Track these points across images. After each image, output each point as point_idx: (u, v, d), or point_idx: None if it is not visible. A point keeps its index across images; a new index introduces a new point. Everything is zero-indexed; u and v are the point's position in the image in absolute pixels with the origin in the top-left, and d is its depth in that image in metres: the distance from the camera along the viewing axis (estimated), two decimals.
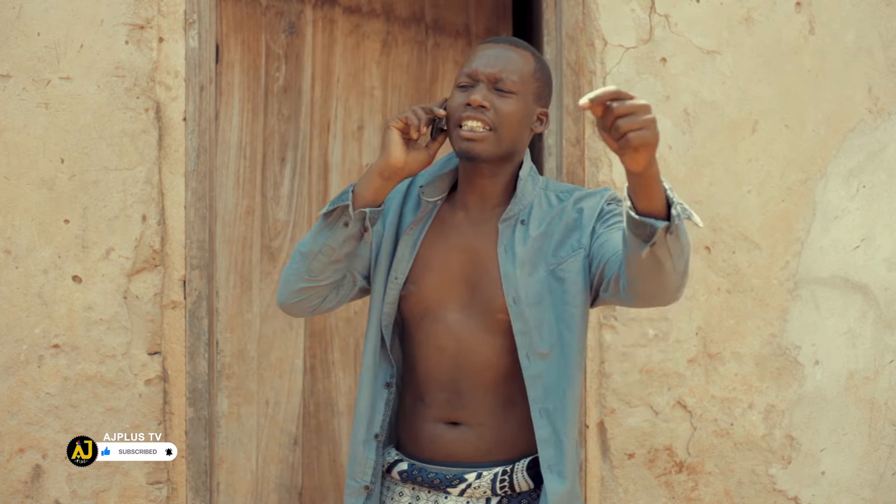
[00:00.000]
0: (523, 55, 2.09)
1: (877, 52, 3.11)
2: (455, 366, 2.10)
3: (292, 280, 2.11)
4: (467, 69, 2.07)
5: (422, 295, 2.12)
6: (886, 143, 3.12)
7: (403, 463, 2.15)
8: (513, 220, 2.10)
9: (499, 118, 2.04)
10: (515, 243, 2.09)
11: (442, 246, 2.13)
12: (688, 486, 3.06)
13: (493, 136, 2.04)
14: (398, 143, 2.04)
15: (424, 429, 2.13)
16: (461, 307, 2.11)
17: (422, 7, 3.57)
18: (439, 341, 2.11)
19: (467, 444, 2.12)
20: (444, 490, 2.12)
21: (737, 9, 3.07)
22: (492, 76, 2.04)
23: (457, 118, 2.05)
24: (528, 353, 2.07)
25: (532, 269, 2.08)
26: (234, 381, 3.31)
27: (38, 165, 2.88)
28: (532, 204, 2.12)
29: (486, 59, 2.06)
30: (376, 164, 2.05)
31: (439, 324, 2.11)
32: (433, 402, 2.12)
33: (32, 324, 2.87)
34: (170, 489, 2.94)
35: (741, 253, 3.06)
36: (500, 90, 2.05)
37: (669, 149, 3.05)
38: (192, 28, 2.94)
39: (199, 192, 2.94)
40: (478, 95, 2.02)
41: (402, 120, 2.04)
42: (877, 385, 3.12)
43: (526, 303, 2.06)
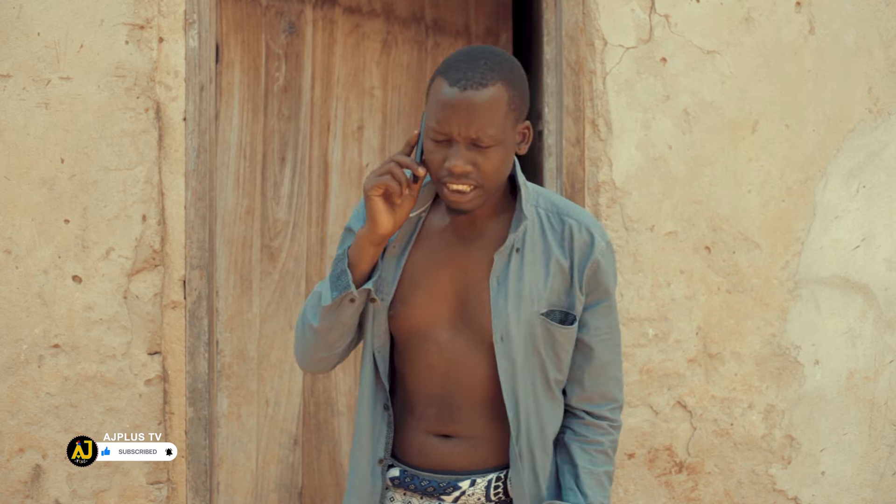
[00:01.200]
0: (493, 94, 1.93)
1: (877, 52, 3.11)
2: (445, 382, 2.07)
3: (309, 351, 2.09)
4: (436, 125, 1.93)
5: (409, 314, 2.07)
6: (886, 143, 3.12)
7: (395, 469, 2.13)
8: (508, 250, 2.04)
9: (483, 175, 1.94)
10: (509, 276, 2.04)
11: (429, 261, 2.08)
12: (688, 486, 3.06)
13: (480, 192, 1.96)
14: (383, 211, 1.95)
15: (415, 439, 2.10)
16: (450, 325, 2.07)
17: (422, 7, 3.57)
18: (429, 359, 2.07)
19: (461, 455, 2.10)
20: (437, 497, 2.10)
21: (737, 9, 3.07)
22: (468, 137, 1.91)
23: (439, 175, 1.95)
24: (509, 391, 2.05)
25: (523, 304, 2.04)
26: (234, 380, 3.31)
27: (38, 165, 2.88)
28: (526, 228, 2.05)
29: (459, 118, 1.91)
30: (366, 236, 1.97)
31: (428, 342, 2.07)
32: (423, 416, 2.09)
33: (32, 324, 2.87)
34: (170, 489, 2.94)
35: (741, 253, 3.06)
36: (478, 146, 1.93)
37: (669, 149, 3.05)
38: (192, 28, 2.94)
39: (199, 192, 2.94)
40: (458, 162, 1.91)
41: (382, 187, 1.93)
42: (877, 385, 3.12)
43: (514, 342, 2.03)
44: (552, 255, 2.04)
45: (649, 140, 3.04)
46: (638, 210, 3.04)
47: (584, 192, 3.04)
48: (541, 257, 2.05)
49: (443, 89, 1.93)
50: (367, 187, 1.94)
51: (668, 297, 3.04)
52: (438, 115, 1.92)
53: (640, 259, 3.03)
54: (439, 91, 1.94)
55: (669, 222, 3.05)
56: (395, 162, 1.94)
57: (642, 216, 3.04)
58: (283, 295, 3.35)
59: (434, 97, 1.95)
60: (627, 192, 3.04)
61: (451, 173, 1.92)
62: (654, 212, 3.04)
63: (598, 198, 3.04)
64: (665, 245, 3.04)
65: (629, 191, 3.04)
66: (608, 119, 3.04)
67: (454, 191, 1.94)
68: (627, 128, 3.04)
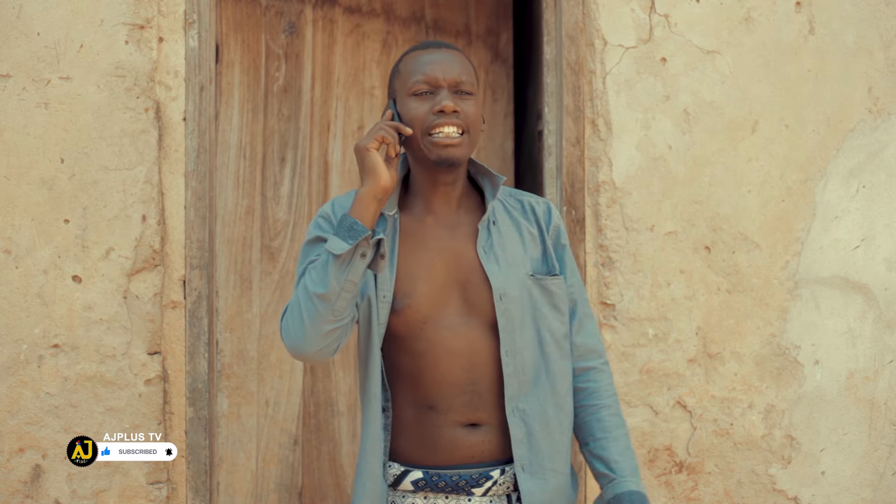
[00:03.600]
0: (463, 57, 2.13)
1: (877, 52, 3.11)
2: (469, 367, 2.09)
3: (317, 325, 2.02)
4: (421, 76, 2.06)
5: (418, 305, 2.10)
6: (886, 143, 3.13)
7: (416, 472, 2.11)
8: (486, 222, 2.13)
9: (467, 121, 2.06)
10: (494, 245, 2.12)
11: (422, 254, 2.12)
12: (688, 486, 3.06)
13: (467, 139, 2.06)
14: (383, 164, 2.01)
15: (442, 435, 2.09)
16: (458, 309, 2.11)
17: (422, 7, 3.57)
18: (448, 345, 2.09)
19: (490, 443, 2.10)
20: (468, 492, 2.10)
21: (737, 9, 3.07)
22: (453, 81, 2.06)
23: (426, 127, 2.04)
24: (507, 350, 2.09)
25: (511, 267, 2.12)
26: (234, 381, 3.31)
27: (38, 165, 2.88)
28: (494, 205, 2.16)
29: (441, 65, 2.07)
30: (368, 189, 2.00)
31: (444, 329, 2.10)
32: (449, 408, 2.09)
33: (32, 324, 2.87)
34: (170, 489, 2.94)
35: (741, 253, 3.07)
36: (461, 93, 2.07)
37: (669, 149, 3.05)
38: (192, 28, 2.94)
39: (199, 192, 2.94)
40: (449, 101, 2.03)
41: (379, 139, 2.01)
42: (877, 385, 3.12)
43: (512, 300, 2.09)
44: (522, 225, 2.17)
45: (649, 140, 3.04)
46: (638, 210, 3.04)
47: (584, 192, 3.04)
48: (513, 229, 2.16)
49: (420, 56, 2.10)
50: (363, 144, 2.01)
51: (667, 297, 3.04)
52: (421, 70, 2.07)
53: (639, 259, 3.03)
54: (416, 59, 2.10)
55: (669, 222, 3.05)
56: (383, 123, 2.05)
57: (642, 216, 3.04)
58: (283, 295, 3.35)
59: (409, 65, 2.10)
60: (627, 192, 3.04)
61: (441, 113, 2.03)
62: (654, 212, 3.04)
63: (598, 198, 3.04)
64: (665, 245, 3.05)
65: (629, 191, 3.04)
66: (608, 119, 3.04)
67: (445, 136, 2.04)
68: (627, 128, 3.04)
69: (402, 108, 2.08)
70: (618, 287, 3.02)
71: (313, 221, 2.15)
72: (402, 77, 2.10)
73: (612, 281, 3.02)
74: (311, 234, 2.13)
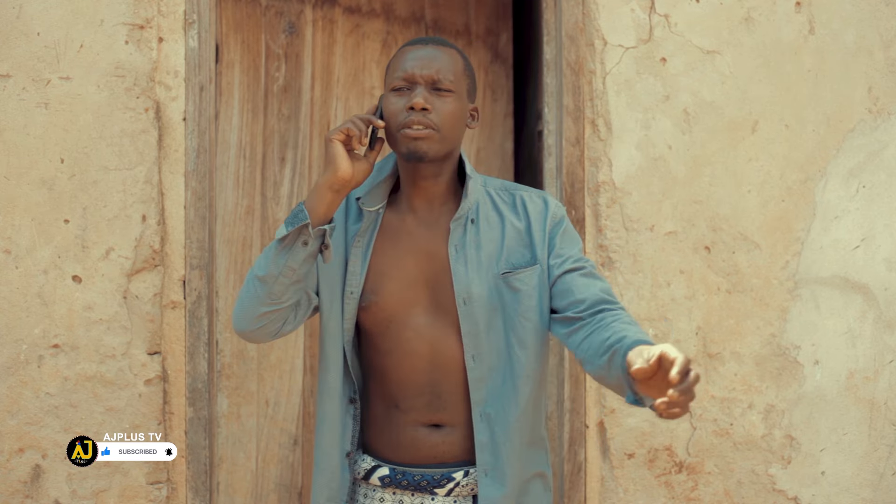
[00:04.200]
0: (452, 53, 2.11)
1: (877, 52, 3.11)
2: (431, 369, 2.10)
3: (252, 306, 2.06)
4: (401, 73, 2.07)
5: (384, 303, 2.11)
6: (886, 143, 3.13)
7: (384, 468, 2.13)
8: (463, 220, 2.11)
9: (440, 118, 2.05)
10: (467, 243, 2.10)
11: (395, 252, 2.12)
12: (687, 487, 3.07)
13: (438, 135, 2.05)
14: (343, 156, 2.02)
15: (404, 434, 2.11)
16: (426, 310, 2.11)
17: (422, 7, 3.57)
18: (411, 346, 2.10)
19: (451, 444, 2.11)
20: (431, 491, 2.11)
21: (737, 9, 3.08)
22: (429, 77, 2.06)
23: (399, 123, 2.05)
24: (473, 355, 2.08)
25: (484, 270, 2.10)
26: (234, 381, 3.31)
27: (38, 165, 2.88)
28: (478, 202, 2.14)
29: (421, 61, 2.07)
30: (325, 179, 2.03)
31: (408, 329, 2.10)
32: (411, 407, 2.11)
33: (32, 324, 2.87)
34: (170, 489, 2.94)
35: (741, 253, 3.07)
36: (438, 90, 2.07)
37: (669, 149, 3.05)
38: (191, 28, 2.94)
39: (199, 192, 2.94)
40: (419, 98, 2.03)
41: (344, 132, 2.03)
42: (877, 385, 3.12)
43: (476, 304, 2.08)
44: (506, 220, 2.13)
45: (649, 140, 3.04)
46: (638, 210, 3.04)
47: (584, 192, 3.04)
48: (496, 225, 2.13)
49: (408, 52, 2.11)
50: (329, 135, 2.04)
51: (667, 297, 3.04)
52: (403, 66, 2.08)
53: (639, 259, 3.03)
54: (403, 54, 2.11)
55: (669, 222, 3.05)
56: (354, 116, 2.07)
57: (642, 216, 3.04)
58: None
59: (396, 61, 2.11)
60: (627, 192, 3.04)
61: (412, 109, 2.03)
62: (654, 212, 3.04)
63: (597, 198, 3.04)
64: (665, 245, 3.05)
65: (629, 191, 3.04)
66: (608, 119, 3.04)
67: (415, 129, 2.03)
68: (627, 128, 3.04)
69: (384, 103, 2.10)
70: (618, 287, 3.03)
71: None
72: (389, 71, 2.12)
73: (612, 281, 3.03)
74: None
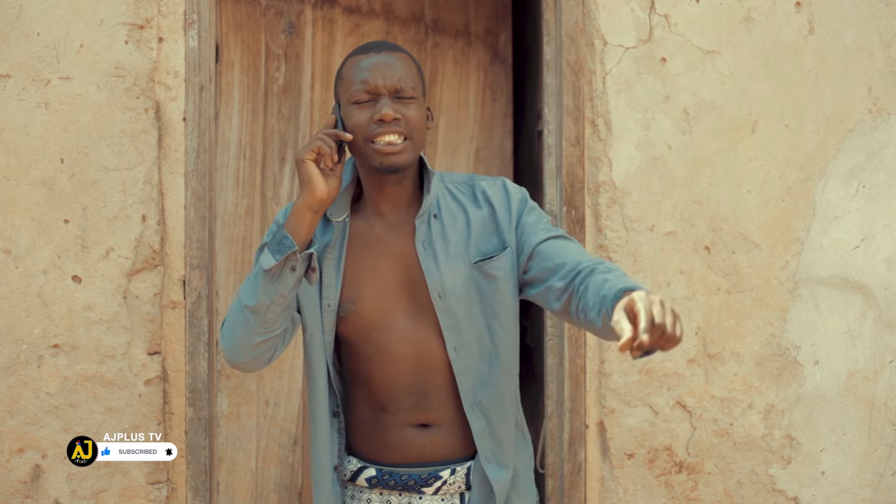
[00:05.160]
0: (406, 58, 2.11)
1: (877, 52, 3.11)
2: (416, 370, 2.11)
3: (246, 337, 2.05)
4: (361, 85, 2.05)
5: (363, 311, 2.10)
6: (886, 143, 3.13)
7: (370, 469, 2.14)
8: (426, 216, 2.12)
9: (409, 126, 2.05)
10: (434, 238, 2.11)
11: (368, 259, 2.12)
12: (687, 486, 3.07)
13: (410, 144, 2.05)
14: (318, 176, 2.01)
15: (392, 435, 2.12)
16: (406, 312, 2.11)
17: (421, 7, 3.57)
18: (394, 349, 2.10)
19: (440, 443, 2.13)
20: (418, 490, 2.12)
21: (737, 9, 3.08)
22: (392, 87, 2.05)
23: (368, 135, 2.04)
24: (455, 347, 2.09)
25: (454, 262, 2.10)
26: (234, 381, 3.31)
27: (38, 165, 2.88)
28: (438, 198, 2.14)
29: (381, 71, 2.05)
30: (303, 201, 2.01)
31: (390, 333, 2.11)
32: (398, 409, 2.12)
33: (32, 324, 2.87)
34: (170, 489, 2.94)
35: (741, 253, 3.07)
36: (401, 98, 2.05)
37: (669, 149, 3.05)
38: (191, 28, 2.94)
39: (199, 192, 2.94)
40: (389, 110, 2.02)
41: (315, 151, 2.01)
42: (877, 385, 3.12)
43: (452, 296, 2.08)
44: (468, 211, 2.13)
45: (649, 140, 3.04)
46: (638, 210, 3.04)
47: (584, 192, 3.04)
48: (459, 217, 2.13)
49: (360, 61, 2.08)
50: (300, 156, 2.01)
51: (667, 297, 3.04)
52: (361, 77, 2.05)
53: (639, 259, 3.03)
54: (356, 65, 2.08)
55: (669, 222, 3.05)
56: (321, 133, 2.04)
57: (642, 216, 3.04)
58: None
59: (350, 71, 2.08)
60: (627, 192, 3.04)
61: (382, 122, 2.02)
62: (654, 212, 3.04)
63: (597, 198, 3.04)
64: (665, 245, 3.05)
65: (629, 191, 3.04)
66: (608, 119, 3.04)
67: (386, 143, 2.02)
68: (627, 128, 3.04)
69: (345, 116, 2.07)
70: None
71: (270, 226, 2.16)
72: (345, 84, 2.09)
73: None
74: (264, 238, 2.15)
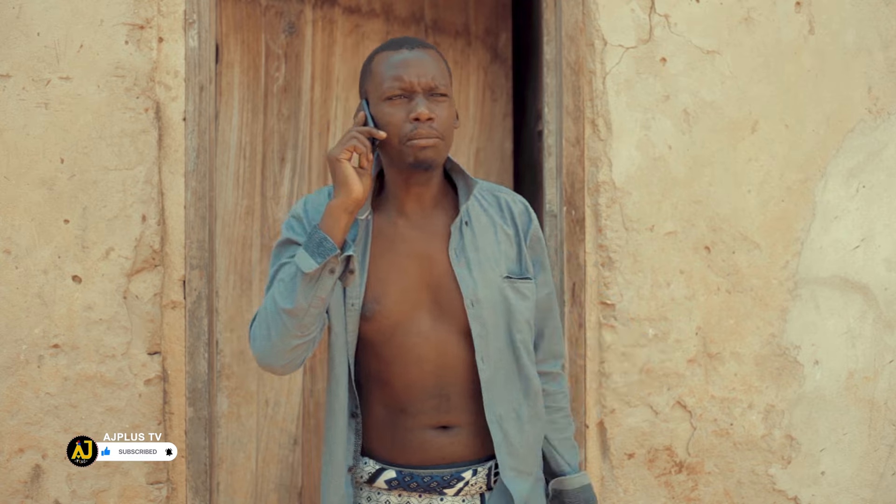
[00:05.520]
0: (436, 55, 2.10)
1: (877, 52, 3.12)
2: (438, 372, 2.09)
3: (283, 340, 2.01)
4: (395, 82, 2.03)
5: (388, 311, 2.08)
6: (886, 143, 3.13)
7: (390, 470, 2.13)
8: (458, 223, 2.10)
9: (442, 125, 2.04)
10: (466, 245, 2.10)
11: (393, 258, 2.10)
12: (687, 486, 3.07)
13: (442, 143, 2.04)
14: (355, 176, 1.98)
15: (413, 437, 2.11)
16: (429, 313, 2.10)
17: (421, 7, 3.57)
18: (417, 351, 2.09)
19: (462, 445, 2.11)
20: (440, 492, 2.11)
21: (737, 9, 3.08)
22: (427, 85, 2.03)
23: (403, 135, 2.02)
24: (483, 357, 2.08)
25: (486, 272, 2.09)
26: (234, 381, 3.31)
27: (38, 165, 2.88)
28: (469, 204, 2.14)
29: (415, 68, 2.04)
30: (339, 202, 1.97)
31: (412, 335, 2.09)
32: (419, 411, 2.10)
33: (32, 324, 2.87)
34: (170, 489, 2.94)
35: (741, 253, 3.07)
36: (434, 96, 2.04)
37: (669, 149, 3.05)
38: (191, 28, 2.94)
39: (199, 192, 2.94)
40: (424, 109, 2.01)
41: (350, 150, 1.98)
42: (877, 385, 3.12)
43: (484, 306, 2.07)
44: (497, 225, 2.14)
45: (649, 140, 3.04)
46: (638, 210, 3.04)
47: (584, 192, 3.04)
48: (489, 228, 2.13)
49: (391, 57, 2.06)
50: (334, 155, 1.98)
51: (667, 297, 3.04)
52: (395, 74, 2.03)
53: (639, 259, 3.04)
54: (387, 60, 2.06)
55: (669, 222, 3.05)
56: (355, 131, 2.01)
57: (642, 216, 3.04)
58: None
59: (382, 67, 2.05)
60: (627, 192, 3.04)
61: (418, 120, 2.00)
62: (654, 212, 3.04)
63: (597, 198, 3.04)
64: (665, 245, 3.05)
65: (629, 191, 3.04)
66: (608, 119, 3.04)
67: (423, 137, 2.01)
68: (627, 128, 3.04)
69: (377, 112, 2.05)
70: (618, 287, 3.03)
71: (285, 221, 2.13)
72: (375, 79, 2.07)
73: (611, 281, 3.03)
74: (283, 234, 2.11)
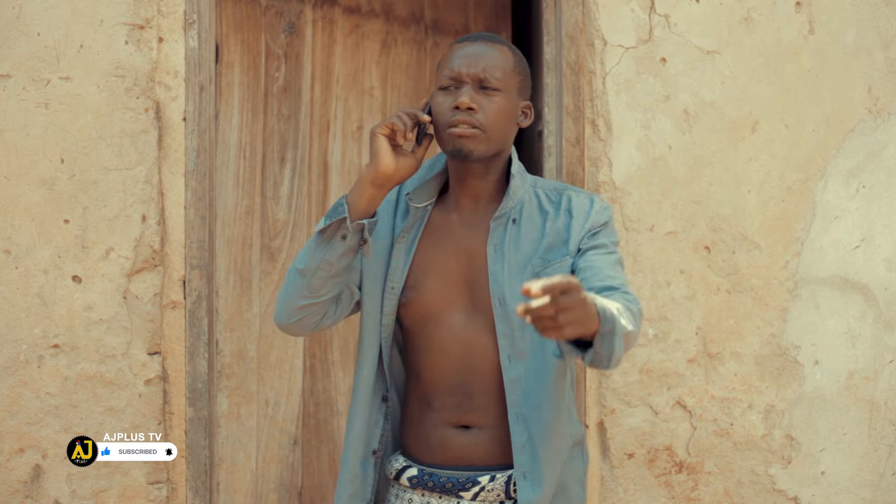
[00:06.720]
0: (502, 50, 2.09)
1: (877, 52, 3.11)
2: (463, 369, 2.09)
3: (292, 298, 2.07)
4: (448, 71, 2.05)
5: (423, 300, 2.10)
6: (886, 143, 3.13)
7: (412, 469, 2.13)
8: (504, 219, 2.09)
9: (487, 118, 2.03)
10: (506, 243, 2.09)
11: (438, 250, 2.11)
12: (687, 486, 3.07)
13: (483, 135, 2.03)
14: (387, 150, 2.01)
15: (434, 434, 2.10)
16: (463, 309, 2.10)
17: (421, 7, 3.57)
18: (445, 345, 2.09)
19: (479, 447, 2.10)
20: (456, 494, 2.10)
21: (737, 9, 3.08)
22: (476, 76, 2.04)
23: (445, 122, 2.03)
24: (509, 356, 2.07)
25: (520, 269, 2.08)
26: (234, 381, 3.31)
27: (38, 165, 2.88)
28: (523, 202, 2.12)
29: (468, 59, 2.05)
30: (367, 173, 2.02)
31: (443, 328, 2.09)
32: (442, 407, 2.10)
33: (32, 324, 2.87)
34: (170, 489, 2.94)
35: (741, 253, 3.07)
36: (485, 88, 2.04)
37: (669, 149, 3.05)
38: (191, 28, 2.94)
39: (199, 192, 2.94)
40: (465, 98, 2.01)
41: (388, 126, 2.01)
42: (877, 385, 3.12)
43: (511, 306, 2.06)
44: (548, 219, 2.11)
45: (649, 140, 3.04)
46: (638, 210, 3.04)
47: None
48: (538, 225, 2.11)
49: (456, 49, 2.09)
50: (374, 129, 2.03)
51: (667, 297, 3.04)
52: (450, 65, 2.06)
53: (639, 259, 3.03)
54: (452, 52, 2.09)
55: (669, 222, 3.05)
56: (400, 110, 2.05)
57: (642, 216, 3.04)
58: None
59: (446, 58, 2.09)
60: (627, 192, 3.04)
61: (457, 108, 2.01)
62: (654, 212, 3.04)
63: None
64: (665, 245, 3.05)
65: (629, 191, 3.04)
66: (608, 119, 3.04)
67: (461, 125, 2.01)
68: (627, 128, 3.04)
69: (432, 101, 2.09)
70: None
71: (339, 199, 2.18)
72: (439, 69, 2.11)
73: None
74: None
